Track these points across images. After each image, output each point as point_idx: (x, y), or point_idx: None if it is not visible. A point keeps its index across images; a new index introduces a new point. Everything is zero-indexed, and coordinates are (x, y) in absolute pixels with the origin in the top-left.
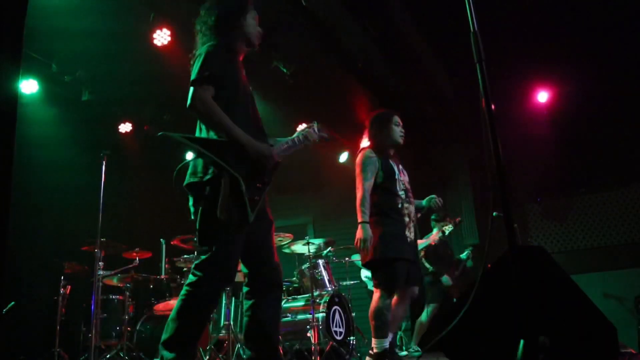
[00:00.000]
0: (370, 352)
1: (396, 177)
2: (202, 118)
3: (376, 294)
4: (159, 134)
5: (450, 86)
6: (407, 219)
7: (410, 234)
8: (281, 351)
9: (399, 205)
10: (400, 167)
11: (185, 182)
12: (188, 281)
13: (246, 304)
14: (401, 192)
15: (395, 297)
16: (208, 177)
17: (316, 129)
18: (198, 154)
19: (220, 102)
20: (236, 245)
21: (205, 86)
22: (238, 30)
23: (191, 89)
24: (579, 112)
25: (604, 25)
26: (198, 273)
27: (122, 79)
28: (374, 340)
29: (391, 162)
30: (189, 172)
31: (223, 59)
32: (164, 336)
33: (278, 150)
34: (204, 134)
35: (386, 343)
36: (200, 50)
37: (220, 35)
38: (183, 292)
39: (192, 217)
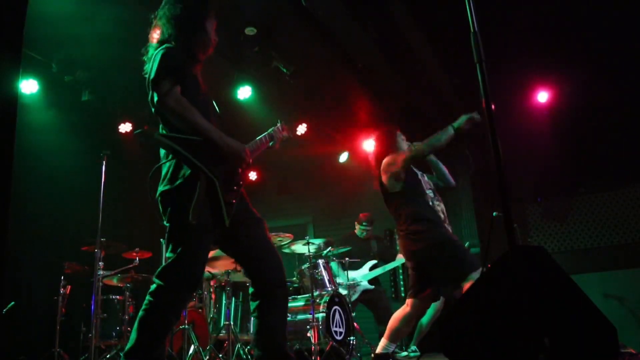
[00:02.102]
0: None
1: (419, 177)
2: (174, 116)
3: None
4: (136, 132)
5: (450, 86)
6: (442, 216)
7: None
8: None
9: (430, 203)
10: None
11: (158, 192)
12: (150, 290)
13: (252, 305)
14: (429, 191)
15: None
16: (179, 182)
17: (279, 128)
18: (174, 154)
19: None
20: (203, 251)
21: (172, 81)
22: (198, 35)
23: (157, 86)
24: (579, 112)
25: (605, 25)
26: (159, 281)
27: (122, 79)
28: None
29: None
30: (161, 179)
31: (183, 61)
32: (127, 346)
33: (250, 149)
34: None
35: None
36: (158, 51)
37: (180, 36)
38: (145, 301)
39: (165, 223)
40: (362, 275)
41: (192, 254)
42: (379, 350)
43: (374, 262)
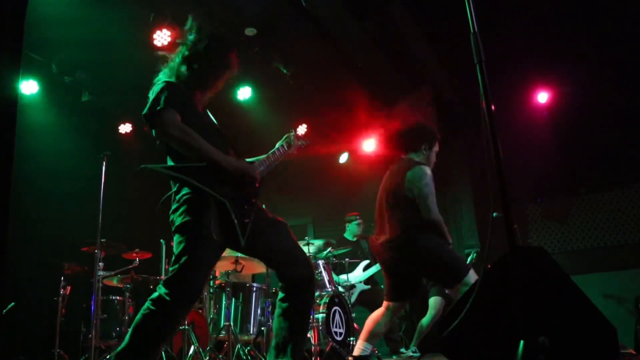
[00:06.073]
0: None
1: None
2: (180, 144)
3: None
4: (141, 167)
5: (451, 87)
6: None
7: None
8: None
9: None
10: None
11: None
12: (152, 296)
13: (280, 294)
14: None
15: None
16: (185, 197)
17: (292, 138)
18: (181, 183)
19: None
20: (205, 264)
21: (171, 109)
22: (211, 81)
23: (156, 116)
24: (579, 112)
25: (605, 25)
26: (162, 291)
27: (121, 79)
28: None
29: None
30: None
31: (183, 96)
32: (120, 346)
33: (259, 167)
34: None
35: None
36: (156, 85)
37: (191, 73)
38: (145, 306)
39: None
40: (356, 276)
41: (193, 265)
42: (357, 352)
43: (366, 261)
